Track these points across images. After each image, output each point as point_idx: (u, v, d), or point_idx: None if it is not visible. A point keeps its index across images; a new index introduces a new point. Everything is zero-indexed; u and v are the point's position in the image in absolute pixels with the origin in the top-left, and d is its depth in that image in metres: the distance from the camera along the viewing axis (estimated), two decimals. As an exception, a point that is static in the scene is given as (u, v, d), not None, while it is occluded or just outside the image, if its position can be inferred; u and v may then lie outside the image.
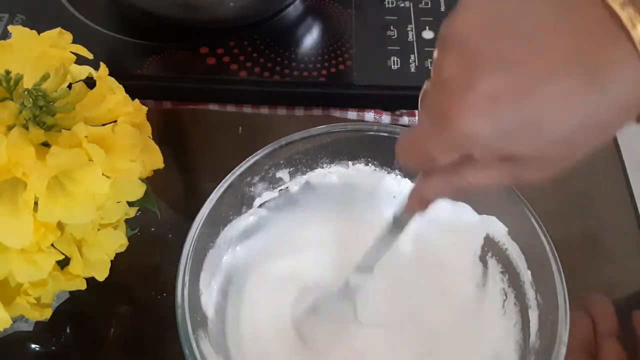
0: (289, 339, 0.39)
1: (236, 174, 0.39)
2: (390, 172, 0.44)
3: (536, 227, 0.37)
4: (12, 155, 0.28)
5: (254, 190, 0.42)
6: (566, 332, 0.33)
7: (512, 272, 0.39)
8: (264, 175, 0.42)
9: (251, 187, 0.41)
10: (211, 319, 0.38)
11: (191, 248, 0.36)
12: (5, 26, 0.52)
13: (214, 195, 0.38)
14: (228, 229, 0.41)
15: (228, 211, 0.40)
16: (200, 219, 0.37)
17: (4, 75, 0.31)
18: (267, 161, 0.41)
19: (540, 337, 0.36)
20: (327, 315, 0.39)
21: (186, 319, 0.34)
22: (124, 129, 0.32)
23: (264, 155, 0.40)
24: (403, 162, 0.28)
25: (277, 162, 0.42)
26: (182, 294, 0.35)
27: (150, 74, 0.50)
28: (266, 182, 0.42)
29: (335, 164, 0.44)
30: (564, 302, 0.34)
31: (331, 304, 0.39)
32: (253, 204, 0.42)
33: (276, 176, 0.42)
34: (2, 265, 0.31)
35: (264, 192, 0.42)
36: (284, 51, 0.52)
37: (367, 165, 0.44)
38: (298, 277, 0.41)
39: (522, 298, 0.38)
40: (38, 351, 0.40)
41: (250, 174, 0.40)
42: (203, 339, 0.35)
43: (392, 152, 0.41)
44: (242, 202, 0.41)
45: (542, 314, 0.36)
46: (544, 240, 0.36)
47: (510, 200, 0.38)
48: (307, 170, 0.43)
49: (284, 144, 0.41)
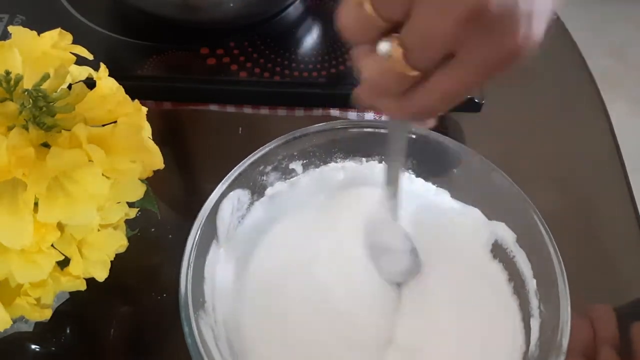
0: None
1: (249, 161, 0.40)
2: (404, 170, 0.44)
3: (545, 236, 0.37)
4: (12, 156, 0.28)
5: (266, 179, 0.42)
6: (566, 342, 0.33)
7: (517, 279, 0.39)
8: (277, 165, 0.42)
9: (263, 176, 0.42)
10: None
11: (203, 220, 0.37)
12: (5, 27, 0.52)
13: (226, 179, 0.39)
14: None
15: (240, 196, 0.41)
16: (212, 200, 0.38)
17: (4, 76, 0.31)
18: (280, 151, 0.41)
19: (540, 346, 0.36)
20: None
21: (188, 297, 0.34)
22: (124, 129, 0.32)
23: (277, 145, 0.41)
24: (344, 30, 0.26)
25: (291, 153, 0.42)
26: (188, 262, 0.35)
27: (150, 75, 0.50)
28: (279, 172, 0.43)
29: (349, 159, 0.44)
30: (566, 313, 0.34)
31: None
32: (265, 192, 0.43)
33: (289, 167, 0.43)
34: (2, 265, 0.31)
35: (276, 182, 0.43)
36: (284, 52, 0.52)
37: (381, 162, 0.44)
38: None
39: (525, 306, 0.38)
40: (38, 351, 0.40)
41: (263, 163, 0.41)
42: (203, 318, 0.35)
43: (408, 151, 0.42)
44: (253, 190, 0.42)
45: (544, 323, 0.36)
46: (551, 251, 0.36)
47: (520, 208, 0.38)
48: (320, 163, 0.44)
49: (298, 136, 0.41)
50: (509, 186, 0.39)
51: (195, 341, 0.33)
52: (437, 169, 0.44)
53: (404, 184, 0.41)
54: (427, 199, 0.44)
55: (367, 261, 0.40)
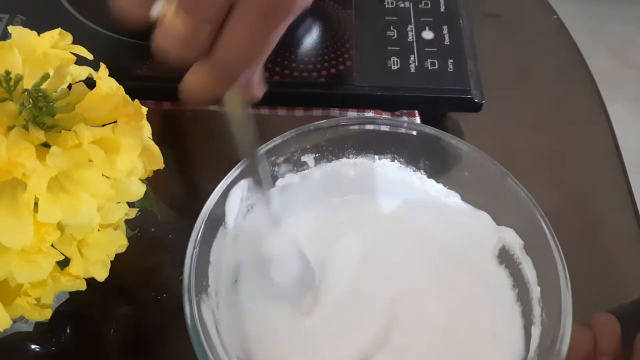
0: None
1: (262, 151, 0.40)
2: (415, 170, 0.44)
3: (552, 244, 0.36)
4: (12, 156, 0.28)
5: (277, 170, 0.43)
6: (565, 351, 0.33)
7: (522, 286, 0.39)
8: (289, 157, 0.42)
9: (275, 167, 0.42)
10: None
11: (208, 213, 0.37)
12: (5, 27, 0.52)
13: (237, 167, 0.39)
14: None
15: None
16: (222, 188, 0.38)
17: (4, 76, 0.31)
18: (293, 143, 0.42)
19: (539, 354, 0.36)
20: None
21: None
22: (124, 129, 0.32)
23: (291, 137, 0.41)
24: (163, 52, 0.27)
25: (304, 146, 0.42)
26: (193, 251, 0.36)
27: (150, 75, 0.50)
28: (290, 164, 0.43)
29: (361, 156, 0.44)
30: (568, 323, 0.34)
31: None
32: (275, 183, 0.43)
33: (301, 160, 0.43)
34: (2, 265, 0.31)
35: (287, 174, 0.43)
36: (284, 52, 0.52)
37: (393, 161, 0.44)
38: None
39: (528, 314, 0.38)
40: (38, 351, 0.40)
41: (275, 153, 0.41)
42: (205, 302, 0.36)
43: (419, 150, 0.43)
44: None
45: (545, 331, 0.36)
46: (557, 259, 0.36)
47: (529, 215, 0.38)
48: (332, 158, 0.44)
49: (312, 129, 0.42)
50: (519, 192, 0.39)
51: (195, 323, 0.33)
52: (447, 170, 0.44)
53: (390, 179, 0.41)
54: (437, 200, 0.44)
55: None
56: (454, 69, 0.50)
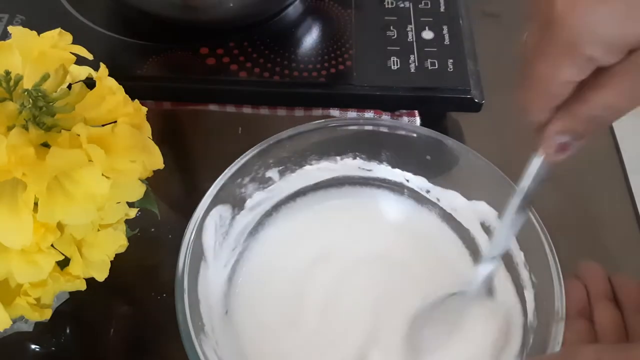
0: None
1: (227, 175, 0.40)
2: (380, 163, 0.44)
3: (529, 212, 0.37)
4: (12, 156, 0.28)
5: (244, 192, 0.42)
6: (563, 307, 0.34)
7: (505, 255, 0.39)
8: (254, 176, 0.42)
9: (242, 189, 0.41)
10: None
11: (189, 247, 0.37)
12: (5, 26, 0.52)
13: (207, 198, 0.39)
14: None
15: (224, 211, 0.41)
16: (196, 220, 0.38)
17: (4, 76, 0.31)
18: (256, 161, 0.41)
19: (538, 315, 0.36)
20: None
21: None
22: (124, 129, 0.32)
23: (252, 155, 0.41)
24: (526, 108, 0.26)
25: (267, 161, 0.42)
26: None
27: (150, 75, 0.50)
28: (256, 183, 0.42)
29: (323, 160, 0.44)
30: (558, 279, 0.35)
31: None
32: (245, 205, 0.42)
33: (266, 176, 0.42)
34: (2, 265, 0.31)
35: (255, 193, 0.42)
36: (284, 52, 0.52)
37: (355, 159, 0.44)
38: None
39: (517, 279, 0.39)
40: (38, 351, 0.40)
41: (241, 175, 0.41)
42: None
43: (379, 144, 0.43)
44: (234, 204, 0.41)
45: (538, 292, 0.37)
46: (533, 219, 0.37)
47: (498, 184, 0.39)
48: (296, 167, 0.43)
49: (272, 143, 0.41)
50: (486, 165, 0.40)
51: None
52: (411, 157, 0.44)
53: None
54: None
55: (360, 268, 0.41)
56: (453, 69, 0.50)
